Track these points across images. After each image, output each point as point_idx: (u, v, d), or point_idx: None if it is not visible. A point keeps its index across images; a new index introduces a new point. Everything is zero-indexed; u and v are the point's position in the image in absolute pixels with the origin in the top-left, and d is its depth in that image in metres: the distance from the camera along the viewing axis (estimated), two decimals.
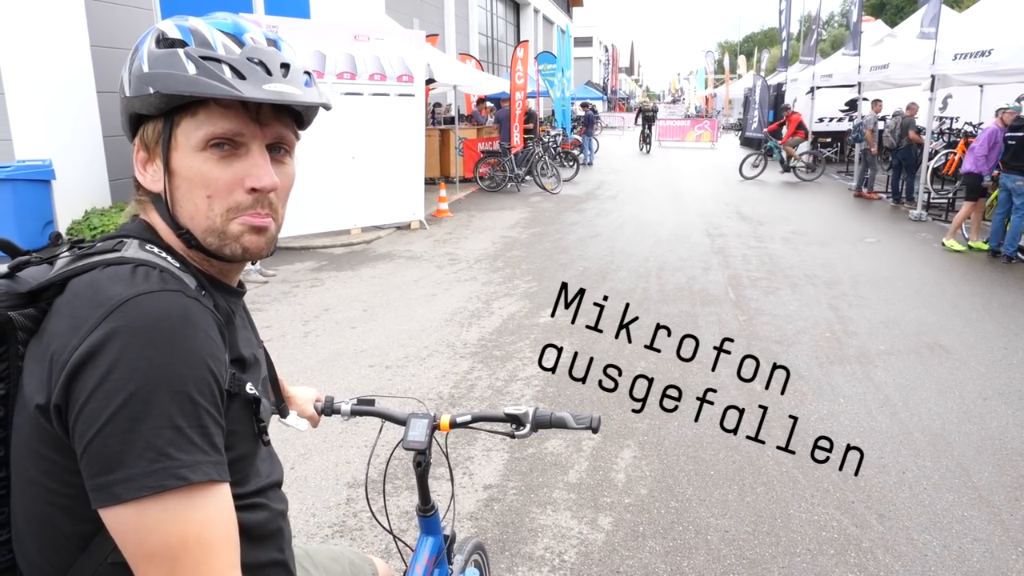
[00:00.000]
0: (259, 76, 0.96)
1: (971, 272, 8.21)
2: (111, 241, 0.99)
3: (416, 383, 4.94)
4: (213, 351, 0.91)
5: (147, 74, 0.95)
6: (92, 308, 0.87)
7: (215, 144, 0.97)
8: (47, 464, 0.89)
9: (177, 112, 0.97)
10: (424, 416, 1.61)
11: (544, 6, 40.73)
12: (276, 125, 1.02)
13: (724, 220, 11.85)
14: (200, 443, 0.85)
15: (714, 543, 3.18)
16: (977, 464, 3.87)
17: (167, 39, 0.97)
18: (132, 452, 0.81)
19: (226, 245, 1.01)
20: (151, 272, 0.92)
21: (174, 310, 0.88)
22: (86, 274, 0.92)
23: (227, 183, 0.98)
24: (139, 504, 0.81)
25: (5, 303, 0.92)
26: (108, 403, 0.82)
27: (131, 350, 0.84)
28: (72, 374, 0.84)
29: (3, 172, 8.76)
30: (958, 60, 10.60)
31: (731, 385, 4.92)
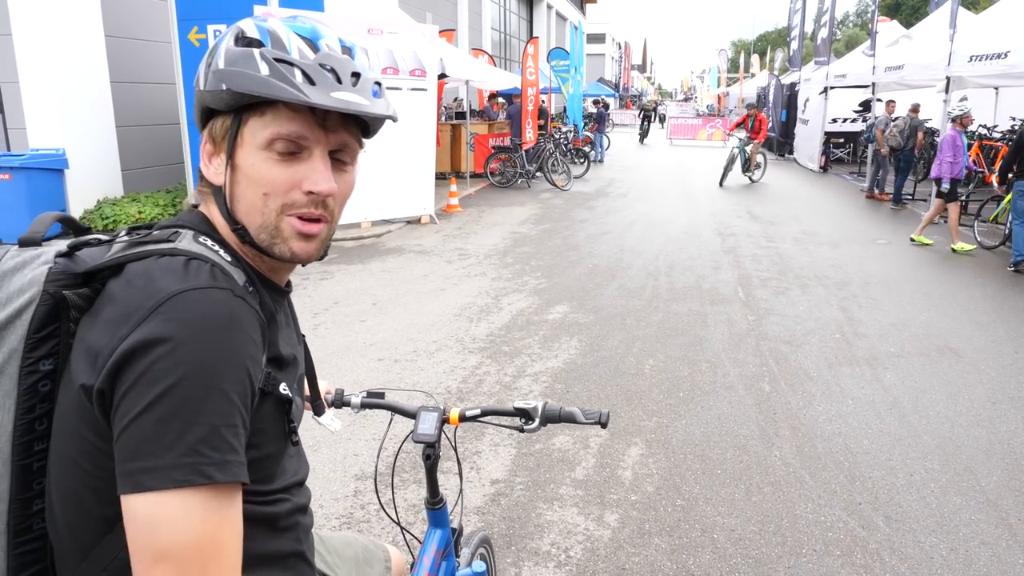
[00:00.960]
0: (329, 83, 0.97)
1: (982, 276, 8.16)
2: (167, 231, 1.01)
3: (425, 377, 4.96)
4: (252, 352, 0.92)
5: (221, 70, 0.97)
6: (143, 299, 0.88)
7: (279, 145, 0.99)
8: (85, 445, 0.91)
9: (246, 110, 0.99)
10: (434, 409, 1.62)
11: (557, 2, 40.66)
12: (341, 132, 1.03)
13: (735, 219, 11.82)
14: (232, 443, 0.86)
15: (720, 542, 3.18)
16: (986, 468, 3.86)
17: (245, 38, 0.99)
18: (163, 443, 0.82)
19: (276, 244, 1.02)
20: (203, 267, 0.94)
21: (221, 308, 0.90)
22: (140, 262, 0.94)
23: (285, 183, 1.00)
24: (161, 495, 0.81)
25: (61, 282, 0.94)
26: (147, 393, 0.83)
27: (176, 344, 0.85)
28: (119, 363, 0.85)
29: (17, 161, 8.82)
30: (974, 62, 10.52)
31: (739, 385, 4.91)
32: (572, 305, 6.75)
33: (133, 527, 0.82)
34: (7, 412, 0.92)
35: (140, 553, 0.82)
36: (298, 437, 1.09)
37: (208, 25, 9.06)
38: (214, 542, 0.84)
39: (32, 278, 0.94)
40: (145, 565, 0.81)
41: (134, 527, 0.82)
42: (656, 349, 5.59)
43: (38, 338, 0.92)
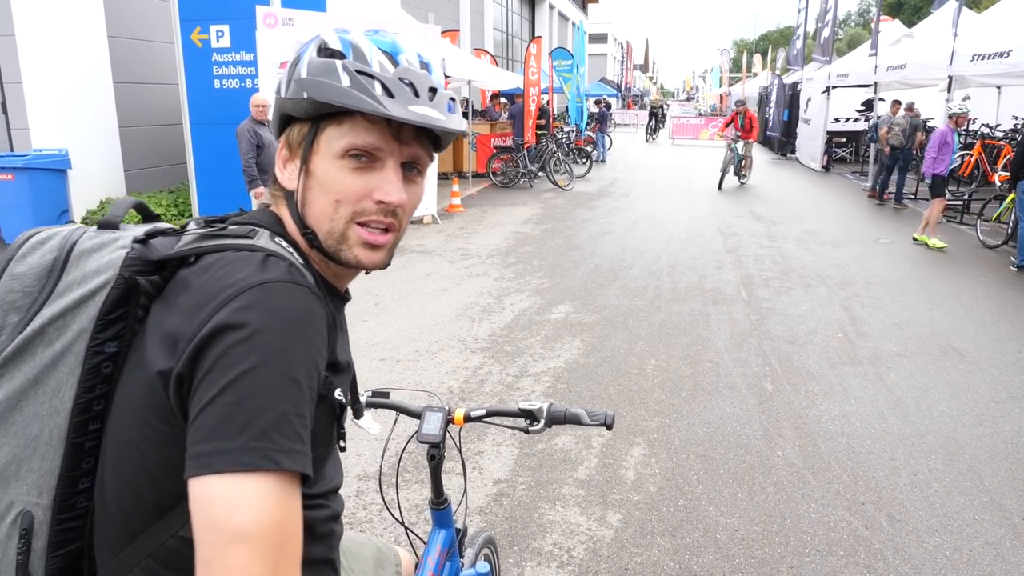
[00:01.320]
0: (407, 96, 0.99)
1: (985, 275, 8.15)
2: (244, 227, 1.03)
3: (427, 377, 4.96)
4: (322, 349, 0.94)
5: (303, 79, 1.00)
6: (223, 287, 0.90)
7: (354, 154, 1.01)
8: (149, 431, 0.92)
9: (324, 119, 1.01)
10: (439, 410, 1.62)
11: (559, 2, 40.64)
12: (414, 145, 1.05)
13: (737, 219, 11.81)
14: (300, 433, 0.87)
15: (723, 542, 3.18)
16: (989, 467, 3.85)
17: (328, 49, 1.01)
18: (234, 426, 0.82)
19: (342, 250, 1.04)
20: (280, 262, 0.96)
21: (298, 302, 0.92)
22: (218, 253, 0.97)
23: (357, 192, 1.02)
24: (228, 478, 0.81)
25: (136, 268, 0.96)
26: (223, 376, 0.84)
27: (254, 331, 0.86)
28: (199, 347, 0.87)
29: (20, 161, 8.84)
30: (976, 61, 10.52)
31: (742, 384, 4.91)
32: (574, 305, 6.75)
33: (205, 507, 0.81)
34: (69, 390, 0.94)
35: (212, 533, 0.80)
36: (345, 443, 1.11)
37: (211, 25, 9.08)
38: (285, 528, 0.84)
39: (109, 261, 0.97)
40: (219, 546, 0.80)
41: (206, 507, 0.81)
42: (658, 349, 5.59)
43: (107, 320, 0.94)
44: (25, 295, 0.97)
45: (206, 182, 9.49)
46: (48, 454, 0.94)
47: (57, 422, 0.94)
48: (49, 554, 0.95)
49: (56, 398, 0.94)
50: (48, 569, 0.95)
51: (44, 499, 0.94)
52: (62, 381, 0.94)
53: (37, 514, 0.94)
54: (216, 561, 0.79)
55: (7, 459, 0.94)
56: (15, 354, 0.95)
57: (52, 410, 0.94)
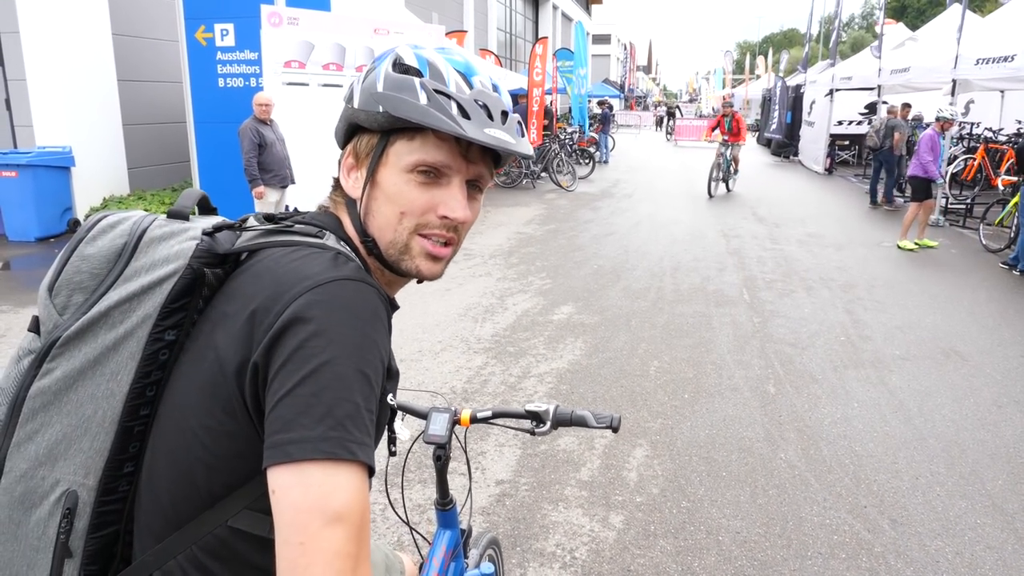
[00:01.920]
0: (482, 119, 1.02)
1: (988, 279, 8.15)
2: (312, 227, 1.06)
3: (430, 377, 4.97)
4: (388, 349, 0.97)
5: (380, 94, 1.02)
6: (298, 279, 0.93)
7: (422, 170, 1.03)
8: (210, 420, 0.93)
9: (395, 132, 1.04)
10: (445, 410, 1.63)
11: (563, 2, 40.64)
12: (480, 164, 1.07)
13: (740, 221, 11.81)
14: (369, 426, 0.89)
15: (725, 544, 3.19)
16: (991, 471, 3.86)
17: (403, 65, 1.04)
18: (313, 416, 0.84)
19: (403, 260, 1.07)
20: (350, 262, 0.99)
21: (370, 301, 0.94)
22: (287, 248, 1.00)
23: (422, 206, 1.04)
24: (312, 466, 0.83)
25: (205, 259, 0.98)
26: (301, 367, 0.86)
27: (330, 323, 0.89)
28: (276, 336, 0.88)
29: (24, 158, 8.85)
30: (980, 65, 10.52)
31: (744, 387, 4.91)
32: (577, 306, 6.76)
33: (295, 492, 0.82)
34: (127, 374, 0.96)
35: (306, 516, 0.81)
36: (396, 448, 1.16)
37: (215, 24, 9.09)
38: (367, 515, 0.87)
39: (179, 250, 0.99)
40: (314, 528, 0.81)
41: (297, 492, 0.82)
42: (661, 350, 5.60)
43: (172, 308, 0.96)
44: (93, 276, 0.99)
45: (209, 180, 9.50)
46: (99, 436, 0.96)
47: (112, 404, 0.95)
48: (89, 535, 0.97)
49: (114, 381, 0.95)
50: (86, 550, 0.97)
51: (90, 480, 0.96)
52: (121, 365, 0.96)
53: (82, 494, 0.96)
54: (311, 543, 0.81)
55: (57, 437, 0.95)
56: (77, 334, 0.96)
57: (108, 392, 0.95)
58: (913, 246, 9.64)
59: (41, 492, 0.95)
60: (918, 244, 9.74)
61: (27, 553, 0.96)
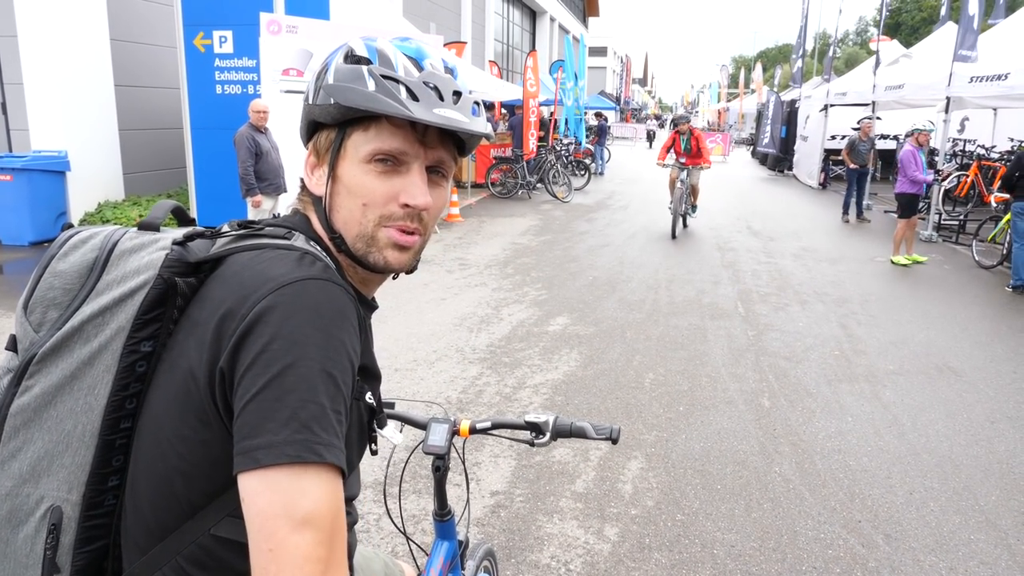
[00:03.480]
0: (432, 100, 1.01)
1: (981, 295, 8.19)
2: (281, 229, 1.05)
3: (425, 387, 4.96)
4: (357, 349, 0.96)
5: (330, 86, 1.02)
6: (262, 281, 0.92)
7: (380, 159, 1.03)
8: (185, 429, 0.93)
9: (351, 124, 1.04)
10: (444, 421, 1.62)
11: (560, 15, 40.82)
12: (439, 149, 1.07)
13: (734, 234, 11.85)
14: (336, 427, 0.88)
15: (720, 558, 3.18)
16: (984, 487, 3.86)
17: (354, 56, 1.04)
18: (278, 420, 0.84)
19: (371, 253, 1.06)
20: (317, 262, 0.98)
21: (335, 300, 0.94)
22: (254, 251, 0.99)
23: (383, 196, 1.04)
24: (279, 470, 0.83)
25: (175, 269, 0.98)
26: (265, 371, 0.86)
27: (293, 325, 0.88)
28: (240, 340, 0.88)
29: (19, 162, 8.83)
30: (974, 83, 10.60)
31: (739, 400, 4.92)
32: (572, 317, 6.76)
33: (262, 499, 0.83)
34: (104, 387, 0.95)
35: (274, 522, 0.82)
36: (377, 447, 1.14)
37: (214, 31, 9.09)
38: (339, 517, 0.86)
39: (149, 261, 0.99)
40: (282, 534, 0.81)
41: (264, 499, 0.83)
42: (656, 363, 5.60)
43: (145, 319, 0.96)
44: (66, 292, 0.99)
45: (205, 186, 9.48)
46: (80, 450, 0.95)
47: (91, 419, 0.95)
48: (76, 550, 0.96)
49: (91, 395, 0.95)
50: (74, 565, 0.96)
51: (74, 495, 0.95)
52: (98, 378, 0.95)
53: (66, 510, 0.95)
54: (280, 549, 0.81)
55: (39, 454, 0.95)
56: (53, 350, 0.96)
57: (87, 406, 0.95)
58: (907, 261, 9.69)
59: (27, 509, 0.95)
60: (909, 259, 9.81)
61: (17, 571, 0.95)
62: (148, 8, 10.97)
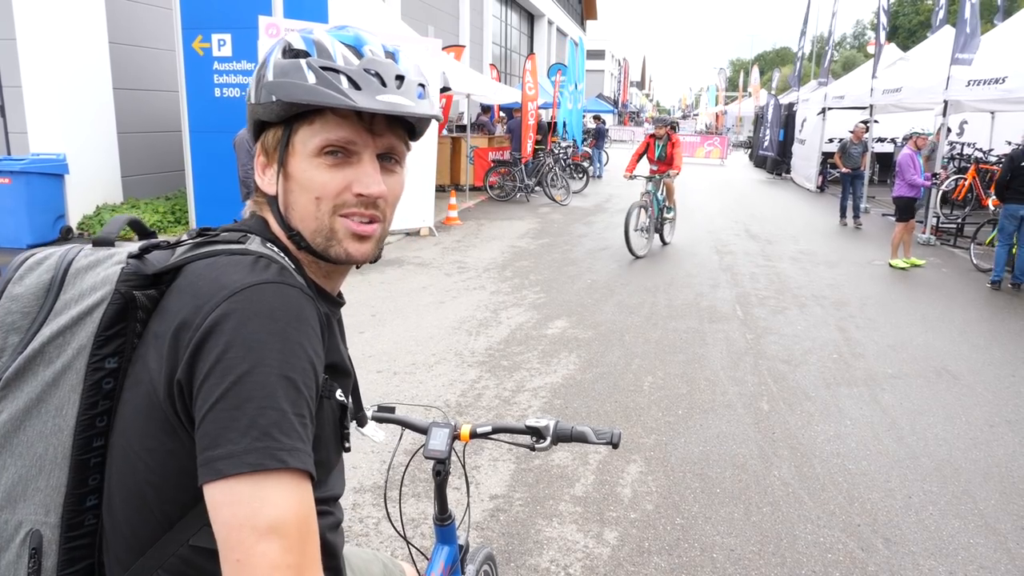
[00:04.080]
0: (374, 87, 0.99)
1: (979, 298, 8.21)
2: (236, 233, 1.04)
3: (424, 390, 4.95)
4: (317, 350, 0.95)
5: (271, 83, 1.00)
6: (215, 289, 0.91)
7: (329, 151, 1.01)
8: (151, 442, 0.92)
9: (296, 120, 1.02)
10: (445, 426, 1.62)
11: (558, 18, 40.89)
12: (388, 135, 1.05)
13: (732, 237, 11.87)
14: (300, 431, 0.87)
15: (720, 561, 3.18)
16: (984, 491, 3.87)
17: (292, 50, 1.02)
18: (238, 428, 0.83)
19: (331, 246, 1.04)
20: (271, 265, 0.97)
21: (291, 302, 0.93)
22: (209, 259, 0.97)
23: (336, 188, 1.02)
24: (241, 480, 0.82)
25: (132, 282, 0.96)
26: (222, 381, 0.85)
27: (248, 332, 0.87)
28: (195, 351, 0.88)
29: (17, 165, 8.82)
30: (972, 87, 10.62)
31: (738, 403, 4.92)
32: (571, 320, 6.76)
33: (226, 511, 0.82)
34: (72, 407, 0.94)
35: (239, 532, 0.81)
36: (350, 444, 1.12)
37: (212, 34, 9.10)
38: (307, 522, 0.85)
39: (105, 277, 0.97)
40: (247, 544, 0.81)
41: (228, 510, 0.82)
42: (655, 366, 5.60)
43: (106, 336, 0.95)
44: (24, 316, 0.98)
45: (204, 189, 9.48)
46: (54, 472, 0.94)
47: (61, 440, 0.94)
48: (59, 572, 0.95)
49: (59, 416, 0.94)
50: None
51: (52, 518, 0.95)
52: (64, 399, 0.94)
53: (46, 533, 0.94)
54: (247, 559, 0.81)
55: (13, 480, 0.94)
56: (17, 375, 0.95)
57: (56, 428, 0.94)
58: (905, 264, 9.71)
59: (6, 536, 0.94)
60: (907, 262, 9.83)
61: None
62: (147, 11, 10.98)
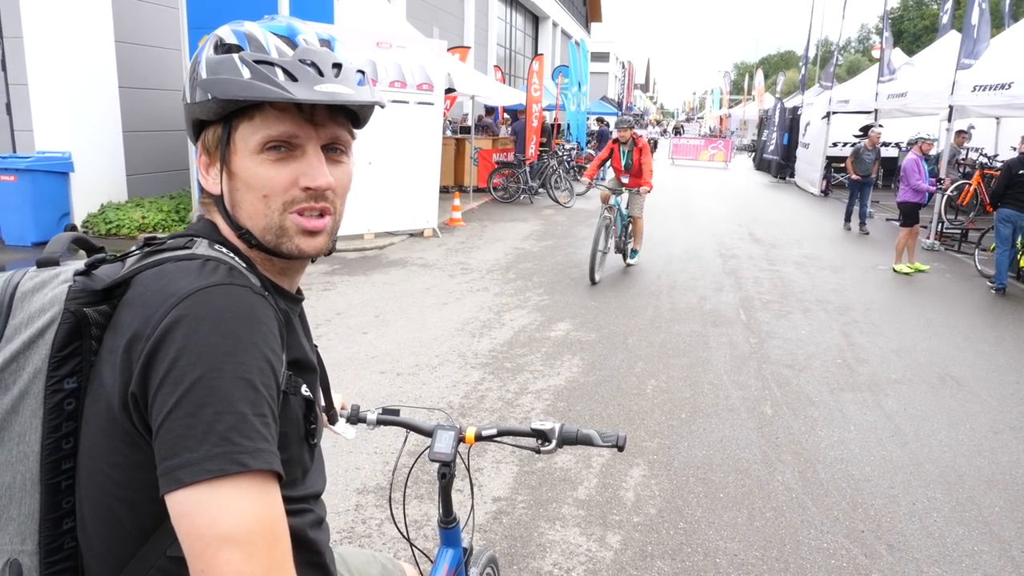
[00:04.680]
0: (311, 77, 0.97)
1: (984, 305, 8.18)
2: (182, 239, 1.02)
3: (427, 392, 4.95)
4: (274, 347, 0.93)
5: (205, 80, 0.98)
6: (162, 298, 0.90)
7: (271, 147, 0.99)
8: (115, 457, 0.91)
9: (235, 116, 1.00)
10: (450, 428, 1.62)
11: (563, 20, 40.90)
12: (331, 125, 1.03)
13: (736, 241, 11.85)
14: (262, 431, 0.86)
15: (723, 567, 3.17)
16: (988, 498, 3.85)
17: (224, 45, 1.00)
18: (195, 436, 0.82)
19: (283, 243, 1.03)
20: (220, 267, 0.95)
21: (241, 303, 0.91)
22: (156, 267, 0.96)
23: (283, 183, 1.00)
24: (200, 488, 0.81)
25: (82, 300, 0.95)
26: (175, 389, 0.84)
27: (198, 337, 0.86)
28: (147, 362, 0.86)
29: (23, 163, 8.84)
30: (977, 92, 10.60)
31: (742, 408, 4.91)
32: (574, 323, 6.76)
33: (187, 521, 0.82)
34: (34, 432, 0.93)
35: (200, 543, 0.81)
36: (317, 439, 1.09)
37: None
38: (272, 525, 0.84)
39: (52, 297, 0.95)
40: (209, 554, 0.80)
41: (188, 521, 0.82)
42: (658, 369, 5.59)
43: (61, 356, 0.93)
44: None
45: None
46: (24, 500, 0.93)
47: (28, 466, 0.93)
48: None
49: (23, 443, 0.93)
50: None
51: (28, 545, 0.94)
52: (26, 425, 0.93)
53: (24, 561, 0.94)
54: (211, 569, 0.80)
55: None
56: None
57: (21, 455, 0.93)
58: (909, 269, 9.69)
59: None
60: (911, 268, 9.81)
61: None
62: (153, 10, 10.99)
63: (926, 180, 9.66)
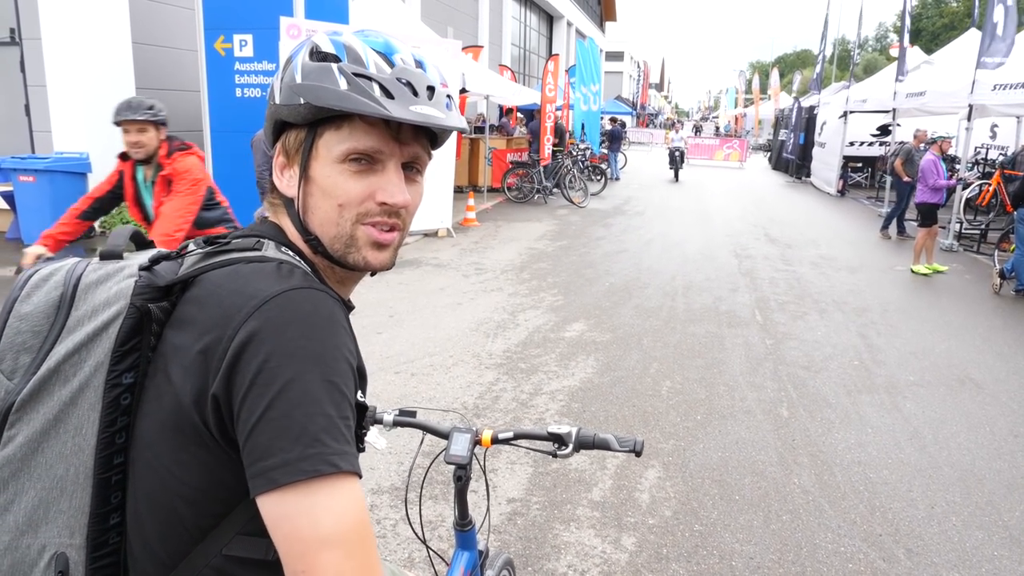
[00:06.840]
0: (407, 97, 0.98)
1: (1003, 306, 8.09)
2: (250, 240, 1.03)
3: (441, 392, 4.95)
4: (353, 351, 0.95)
5: (299, 85, 0.99)
6: (243, 300, 0.90)
7: (354, 158, 1.00)
8: (183, 455, 0.91)
9: (321, 123, 1.00)
10: (467, 431, 1.61)
11: (577, 20, 40.84)
12: (414, 145, 1.04)
13: (752, 241, 11.79)
14: (346, 434, 0.87)
15: (739, 569, 3.15)
16: (1008, 503, 3.81)
17: (320, 52, 1.00)
18: (288, 437, 0.83)
19: (350, 253, 1.03)
20: (295, 271, 0.96)
21: (323, 307, 0.92)
22: (228, 267, 0.96)
23: (360, 195, 1.01)
24: (297, 489, 0.82)
25: (147, 295, 0.95)
26: (266, 391, 0.84)
27: (286, 340, 0.87)
28: (231, 365, 0.86)
29: (42, 163, 8.92)
30: (998, 91, 10.49)
31: (757, 409, 4.88)
32: (589, 323, 6.74)
33: (286, 523, 0.82)
34: (91, 426, 0.93)
35: (301, 544, 0.82)
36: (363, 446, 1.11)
37: (234, 35, 9.15)
38: (364, 525, 0.85)
39: (118, 291, 0.96)
40: (311, 555, 0.81)
41: (287, 523, 0.82)
42: (673, 370, 5.57)
43: (123, 351, 0.93)
44: (35, 334, 0.96)
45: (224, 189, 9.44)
46: (76, 493, 0.93)
47: (82, 460, 0.93)
48: None
49: (79, 436, 0.93)
50: None
51: (77, 539, 0.94)
52: (83, 418, 0.93)
53: (71, 555, 0.93)
54: (312, 570, 0.81)
55: (34, 503, 0.93)
56: (32, 396, 0.93)
57: (76, 448, 0.93)
58: (927, 271, 9.60)
59: (29, 561, 0.93)
60: (929, 268, 9.71)
61: None
62: (170, 12, 11.07)
63: (944, 178, 9.58)
